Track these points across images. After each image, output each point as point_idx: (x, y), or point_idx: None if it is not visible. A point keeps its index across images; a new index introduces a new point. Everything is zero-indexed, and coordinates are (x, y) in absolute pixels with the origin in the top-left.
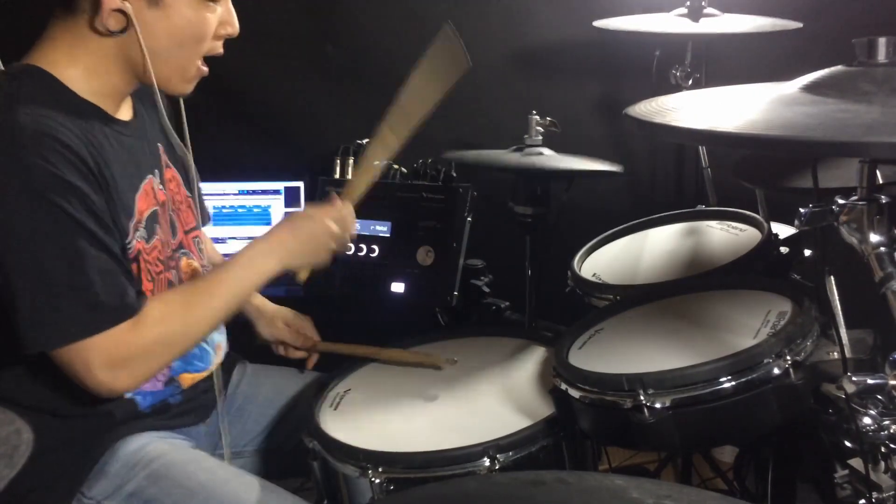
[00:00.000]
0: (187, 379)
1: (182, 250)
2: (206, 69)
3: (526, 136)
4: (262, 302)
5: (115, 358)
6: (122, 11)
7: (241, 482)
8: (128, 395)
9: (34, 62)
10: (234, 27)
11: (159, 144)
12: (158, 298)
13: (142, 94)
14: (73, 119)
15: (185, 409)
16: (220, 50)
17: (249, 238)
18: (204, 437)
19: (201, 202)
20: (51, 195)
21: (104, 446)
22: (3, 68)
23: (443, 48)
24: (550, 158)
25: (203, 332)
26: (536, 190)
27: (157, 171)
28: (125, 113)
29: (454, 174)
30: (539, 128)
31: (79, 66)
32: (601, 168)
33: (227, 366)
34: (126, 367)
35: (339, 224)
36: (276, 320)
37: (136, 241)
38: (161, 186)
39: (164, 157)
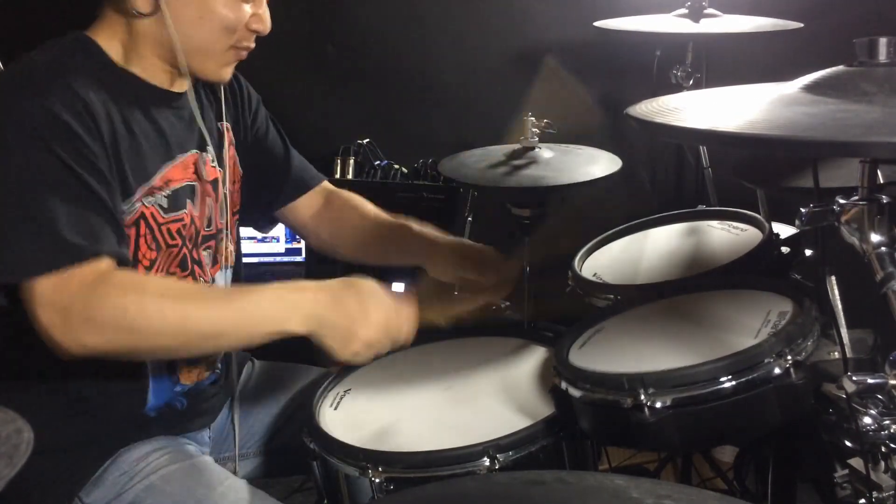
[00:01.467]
0: (185, 377)
1: (224, 232)
2: (244, 54)
3: (522, 137)
4: (434, 234)
5: (69, 304)
6: None
7: (239, 498)
8: (138, 398)
9: (88, 32)
10: (264, 24)
11: (223, 123)
12: (154, 281)
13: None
14: (106, 87)
15: (191, 415)
16: (252, 44)
17: (249, 238)
18: (208, 441)
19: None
20: (41, 131)
21: (107, 452)
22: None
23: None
24: (545, 168)
25: (173, 340)
26: (533, 194)
27: (211, 148)
28: (180, 85)
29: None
30: (535, 129)
31: (119, 43)
32: (598, 174)
33: (237, 366)
34: (83, 321)
35: (391, 323)
36: (448, 263)
37: (144, 207)
38: (215, 164)
39: (230, 135)
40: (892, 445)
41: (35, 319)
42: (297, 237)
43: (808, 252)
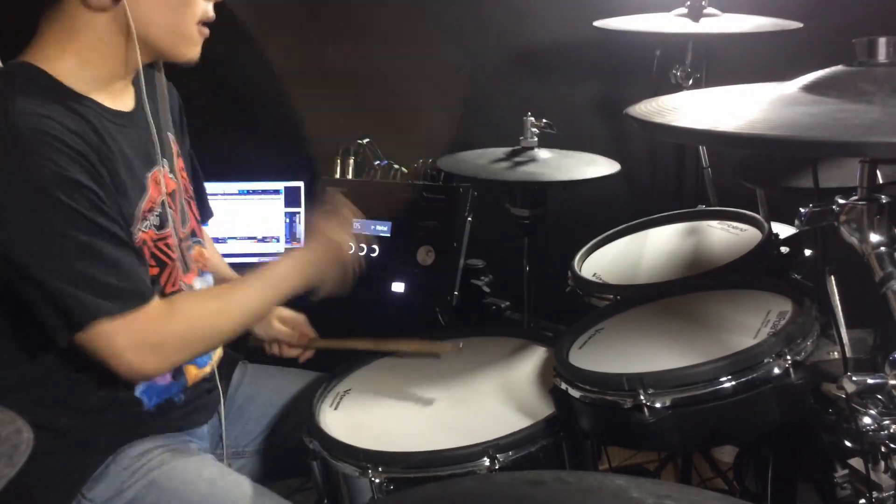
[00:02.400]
0: (192, 372)
1: (194, 238)
2: (206, 31)
3: (521, 137)
4: None
5: (142, 340)
6: None
7: (241, 493)
8: (135, 394)
9: (27, 59)
10: None
11: (170, 133)
12: (190, 295)
13: (148, 84)
14: (69, 114)
15: (188, 409)
16: (212, 14)
17: (249, 238)
18: (207, 436)
19: (204, 196)
20: (54, 191)
21: (108, 449)
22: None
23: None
24: (544, 166)
25: (223, 338)
26: (533, 192)
27: (166, 160)
28: (125, 104)
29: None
30: (534, 129)
31: (71, 57)
32: (596, 174)
33: (227, 366)
34: (153, 351)
35: (342, 230)
36: (271, 319)
37: (142, 232)
38: (172, 175)
39: (176, 146)
40: (892, 445)
41: (113, 361)
42: (298, 237)
43: (808, 252)
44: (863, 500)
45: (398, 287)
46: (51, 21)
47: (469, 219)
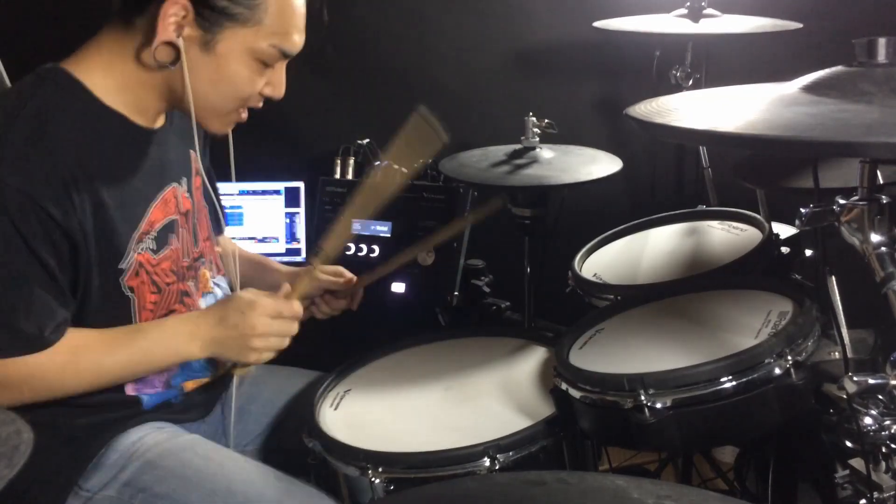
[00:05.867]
0: (190, 385)
1: (201, 259)
2: (245, 116)
3: (523, 137)
4: (290, 268)
5: (7, 380)
6: (173, 45)
7: (236, 466)
8: (132, 393)
9: (69, 65)
10: (278, 91)
11: (191, 151)
12: (72, 342)
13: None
14: (87, 128)
15: (186, 406)
16: (259, 104)
17: (249, 238)
18: (204, 433)
19: (222, 210)
20: (8, 207)
21: (103, 442)
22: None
23: (416, 130)
24: (546, 167)
25: (89, 389)
26: (534, 192)
27: (185, 179)
28: (156, 121)
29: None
30: (536, 129)
31: (115, 79)
32: (600, 174)
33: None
34: (10, 389)
35: (274, 323)
36: (312, 271)
37: (138, 254)
38: (188, 194)
39: (196, 164)
40: (893, 446)
41: None
42: (297, 237)
43: (808, 252)
44: (863, 501)
45: (398, 287)
46: (111, 40)
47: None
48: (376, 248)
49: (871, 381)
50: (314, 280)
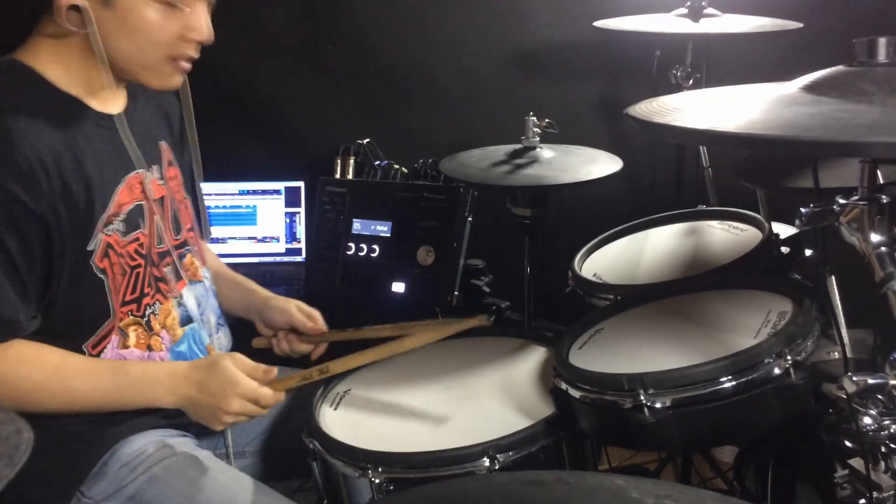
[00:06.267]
0: None
1: (187, 247)
2: (186, 66)
3: (523, 137)
4: (269, 294)
5: None
6: (77, 9)
7: (241, 488)
8: None
9: (22, 56)
10: (202, 34)
11: (162, 142)
12: (41, 347)
13: (150, 92)
14: (45, 115)
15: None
16: (192, 54)
17: (249, 238)
18: (205, 434)
19: (203, 213)
20: None
21: (104, 445)
22: None
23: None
24: (547, 167)
25: (54, 410)
26: (534, 193)
27: (155, 167)
28: (114, 107)
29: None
30: (536, 129)
31: (59, 61)
32: (600, 174)
33: None
34: None
35: (249, 406)
36: (289, 304)
37: (106, 235)
38: (162, 182)
39: (169, 155)
40: (893, 445)
41: None
42: (297, 237)
43: (808, 252)
44: (863, 501)
45: (398, 287)
46: (45, 26)
47: (469, 219)
48: (376, 247)
49: (870, 380)
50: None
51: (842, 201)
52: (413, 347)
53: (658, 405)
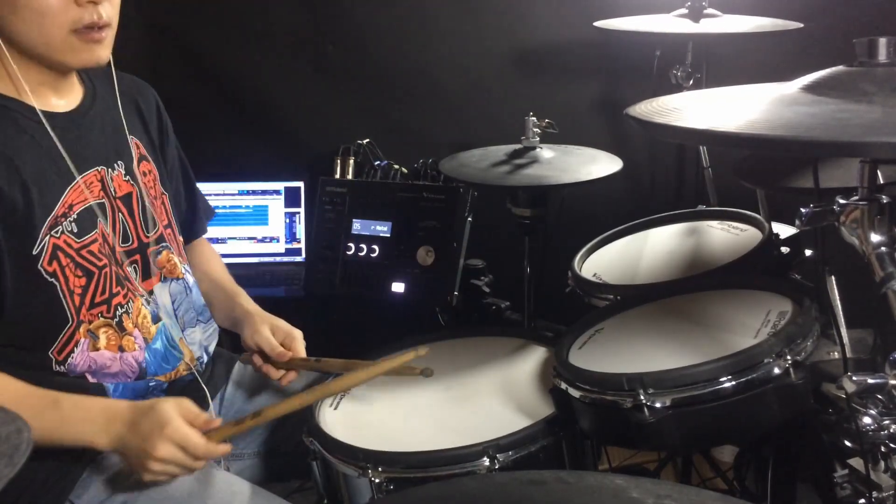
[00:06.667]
0: (161, 378)
1: (163, 244)
2: (94, 36)
3: (523, 137)
4: (253, 307)
5: None
6: None
7: (232, 491)
8: (94, 380)
9: None
10: None
11: (133, 137)
12: None
13: (101, 83)
14: None
15: None
16: (94, 18)
17: (249, 238)
18: None
19: (197, 207)
20: None
21: (93, 452)
22: None
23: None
24: (547, 167)
25: None
26: (534, 193)
27: (120, 163)
28: (66, 103)
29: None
30: (536, 129)
31: None
32: (600, 174)
33: (224, 365)
34: None
35: (178, 453)
36: (262, 325)
37: (54, 238)
38: (129, 179)
39: (141, 150)
40: (892, 445)
41: None
42: (297, 237)
43: (808, 252)
44: (863, 500)
45: (398, 287)
46: None
47: (469, 219)
48: (376, 247)
49: (870, 380)
50: (243, 422)
51: (842, 201)
52: (338, 391)
53: (658, 405)
